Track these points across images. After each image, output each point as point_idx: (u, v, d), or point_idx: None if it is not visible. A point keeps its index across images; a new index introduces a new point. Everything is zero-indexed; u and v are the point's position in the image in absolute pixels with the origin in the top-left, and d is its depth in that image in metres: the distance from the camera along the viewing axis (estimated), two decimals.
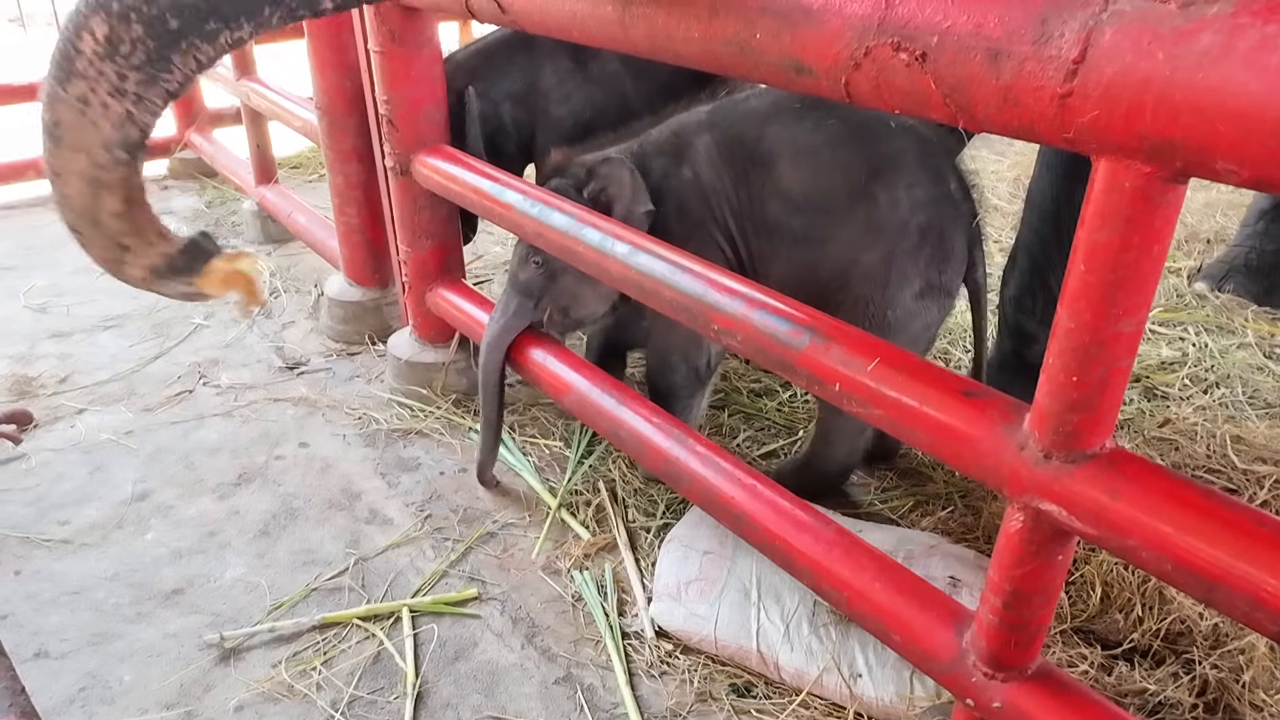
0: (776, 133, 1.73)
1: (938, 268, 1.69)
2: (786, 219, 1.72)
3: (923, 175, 1.66)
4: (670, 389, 1.96)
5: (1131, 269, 0.89)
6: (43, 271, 3.18)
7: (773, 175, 1.72)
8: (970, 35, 0.90)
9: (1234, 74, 0.73)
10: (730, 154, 1.76)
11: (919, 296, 1.70)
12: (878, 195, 1.64)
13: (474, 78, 2.25)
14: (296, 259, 3.30)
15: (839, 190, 1.68)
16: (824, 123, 1.71)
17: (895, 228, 1.65)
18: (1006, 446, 1.04)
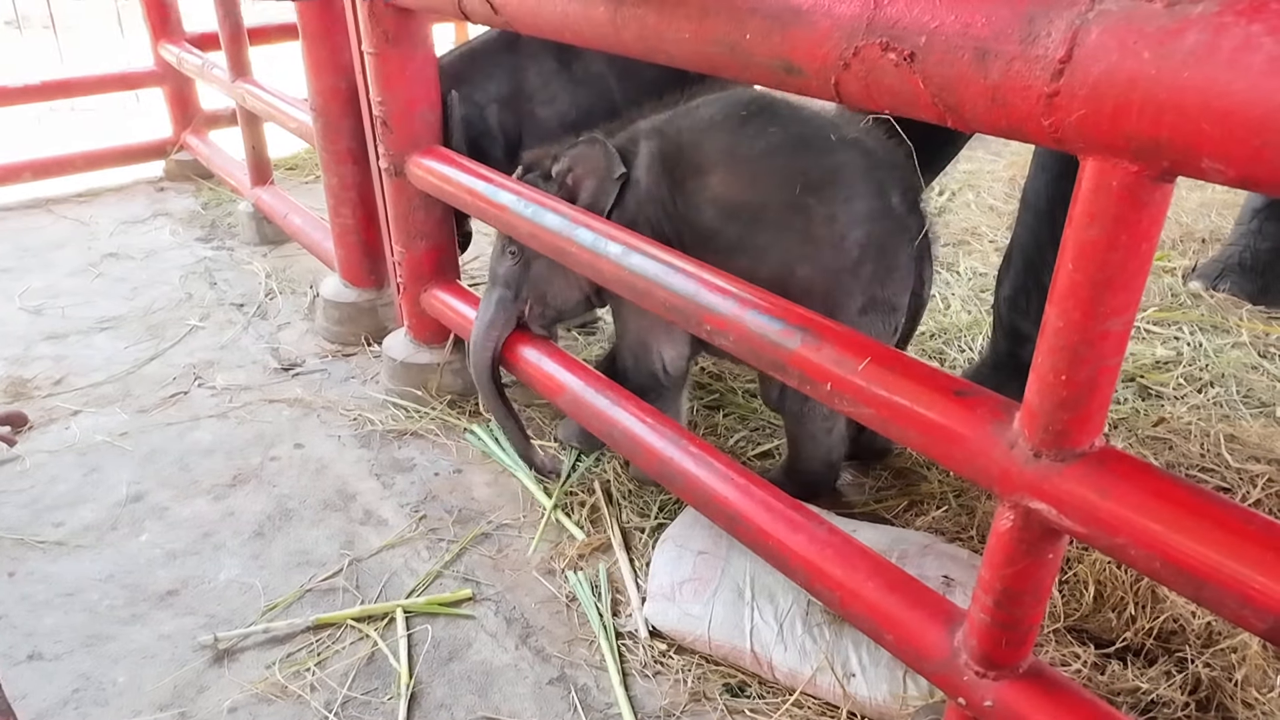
0: (717, 139, 1.73)
1: (880, 283, 1.66)
2: (720, 226, 1.70)
3: (863, 189, 1.63)
4: (637, 391, 1.90)
5: (1119, 268, 0.89)
6: (38, 273, 3.18)
7: (708, 182, 1.71)
8: (958, 35, 0.91)
9: (1219, 73, 0.74)
10: (672, 160, 1.76)
11: (862, 311, 1.67)
12: (812, 209, 1.62)
13: (458, 82, 2.25)
14: (292, 260, 3.30)
15: (773, 200, 1.66)
16: (765, 132, 1.69)
17: (831, 242, 1.63)
18: (996, 445, 1.05)
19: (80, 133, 4.40)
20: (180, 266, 3.25)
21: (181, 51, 3.67)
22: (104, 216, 3.69)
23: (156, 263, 3.28)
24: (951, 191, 3.85)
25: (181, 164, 4.07)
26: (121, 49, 5.45)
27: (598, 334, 2.74)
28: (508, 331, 1.96)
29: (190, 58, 3.61)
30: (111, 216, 3.68)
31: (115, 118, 4.76)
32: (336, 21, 2.29)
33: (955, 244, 3.35)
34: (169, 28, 3.81)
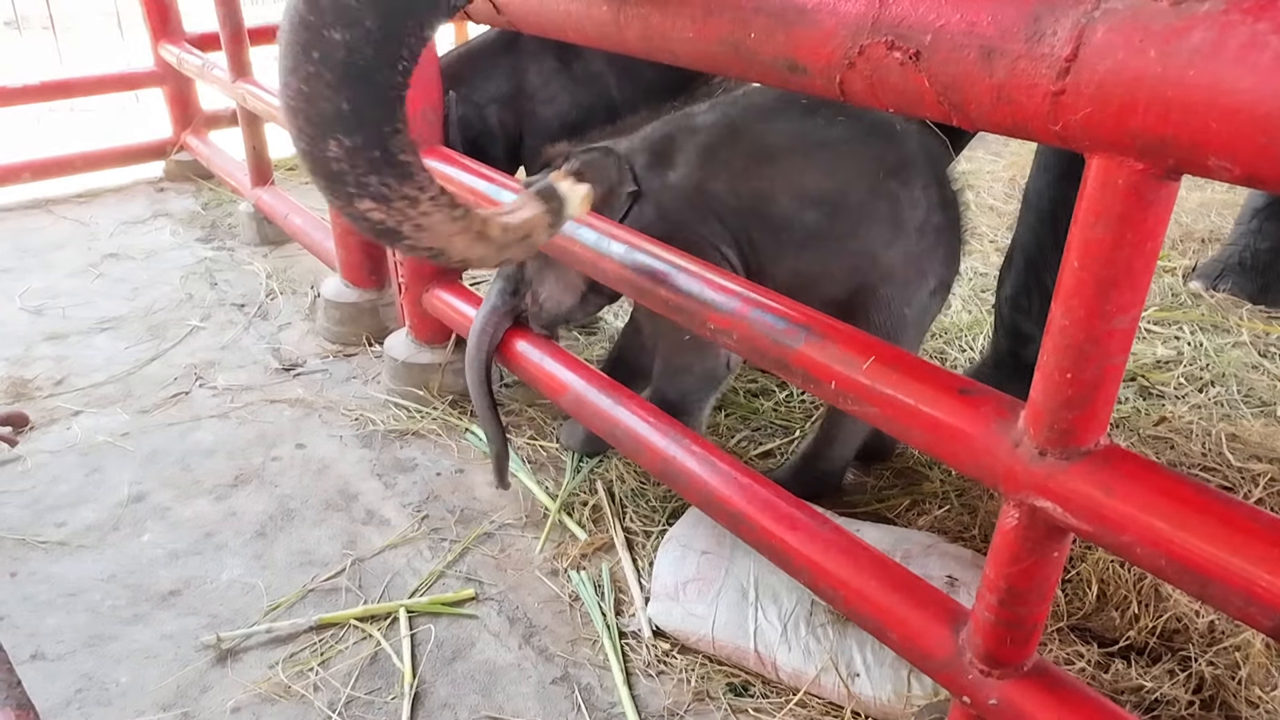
0: (785, 128, 1.72)
1: (947, 266, 1.72)
2: (798, 214, 1.68)
3: (934, 178, 1.68)
4: (682, 395, 1.90)
5: (1125, 266, 0.89)
6: (38, 274, 3.18)
7: (782, 169, 1.70)
8: (963, 34, 0.91)
9: (1225, 71, 0.74)
10: (729, 151, 1.73)
11: (933, 294, 1.74)
12: (898, 194, 1.65)
13: (455, 82, 2.25)
14: (293, 260, 3.29)
15: (859, 186, 1.66)
16: (835, 119, 1.70)
17: (915, 227, 1.66)
18: (1001, 444, 1.05)
19: (80, 133, 4.40)
20: (181, 267, 3.25)
21: (182, 52, 3.67)
22: (104, 217, 3.68)
23: (157, 263, 3.28)
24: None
25: (182, 164, 4.07)
26: (121, 49, 5.45)
27: (599, 334, 2.74)
28: (505, 325, 1.95)
29: (190, 58, 3.61)
30: (111, 217, 3.68)
31: (115, 118, 4.76)
32: None
33: None
34: (169, 28, 3.81)
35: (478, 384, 1.93)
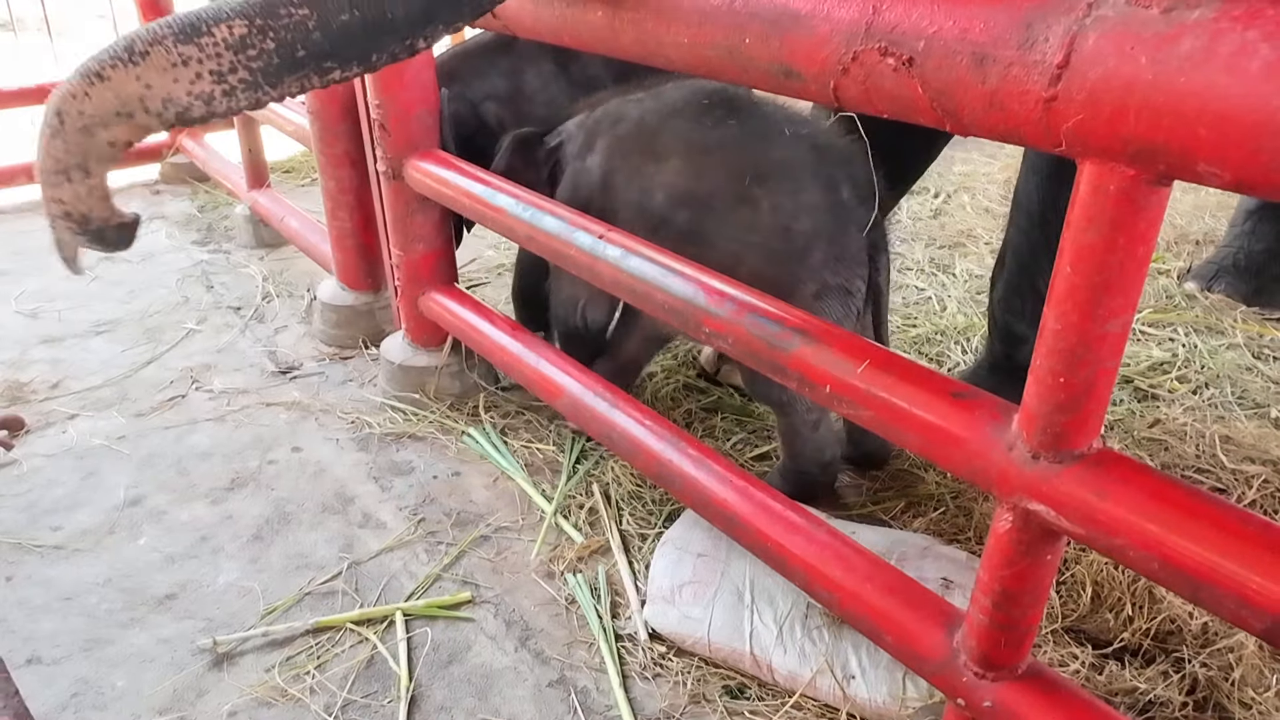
0: (675, 127, 1.81)
1: (830, 270, 1.72)
2: (671, 213, 1.77)
3: (811, 183, 1.70)
4: (563, 339, 2.20)
5: (1117, 270, 0.90)
6: (34, 277, 3.17)
7: (663, 169, 1.79)
8: (956, 40, 0.91)
9: (1215, 78, 0.74)
10: (631, 146, 1.86)
11: (816, 297, 1.73)
12: (760, 200, 1.70)
13: (450, 79, 2.25)
14: (289, 263, 3.30)
15: (722, 190, 1.73)
16: (722, 123, 1.76)
17: (776, 232, 1.69)
18: (995, 447, 1.05)
19: None
20: (177, 270, 3.25)
21: None
22: None
23: (153, 266, 3.28)
24: (947, 194, 3.86)
25: (177, 167, 4.07)
26: None
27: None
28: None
29: None
30: None
31: None
32: None
33: (951, 246, 3.36)
34: None
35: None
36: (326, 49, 1.10)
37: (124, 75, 1.07)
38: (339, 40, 1.11)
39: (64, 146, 1.11)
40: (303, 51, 1.09)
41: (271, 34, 1.07)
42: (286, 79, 1.10)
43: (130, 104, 1.08)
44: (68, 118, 1.10)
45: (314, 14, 1.08)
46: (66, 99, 1.09)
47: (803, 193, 1.70)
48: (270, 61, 1.08)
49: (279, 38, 1.07)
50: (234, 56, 1.07)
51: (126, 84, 1.07)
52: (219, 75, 1.07)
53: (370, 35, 1.14)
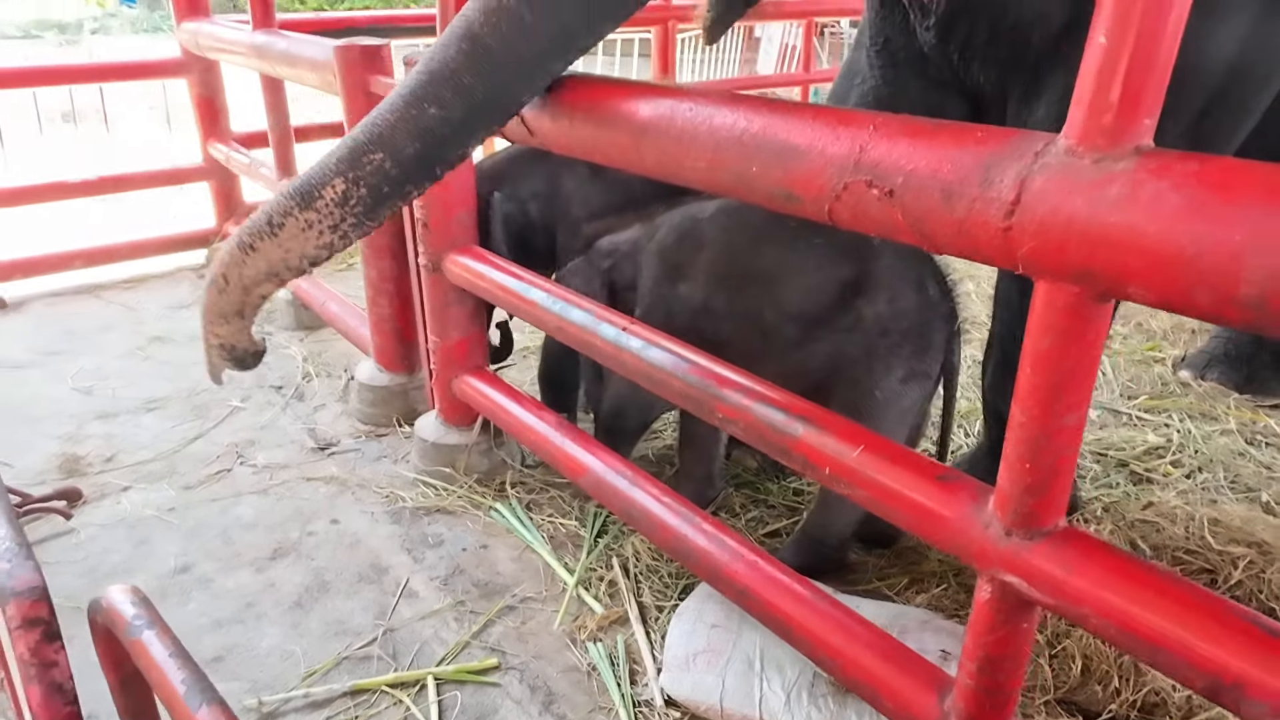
0: (773, 253, 2.00)
1: (918, 358, 1.90)
2: (781, 326, 1.98)
3: (903, 287, 1.87)
4: (620, 432, 2.35)
5: (1069, 372, 1.04)
6: (88, 355, 3.38)
7: (770, 291, 1.99)
8: (929, 178, 1.08)
9: (1137, 218, 0.90)
10: (728, 271, 2.06)
11: (903, 381, 1.92)
12: (863, 310, 1.89)
13: (500, 183, 2.46)
14: (328, 345, 3.49)
15: (829, 305, 1.93)
16: (813, 243, 1.93)
17: (877, 332, 1.87)
18: (974, 525, 1.19)
19: (127, 220, 4.66)
20: None
21: (230, 150, 3.94)
22: (150, 302, 3.91)
23: (199, 346, 3.45)
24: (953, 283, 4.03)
25: None
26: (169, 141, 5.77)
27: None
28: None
29: (238, 156, 3.88)
30: (157, 302, 3.91)
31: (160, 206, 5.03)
32: None
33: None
34: (218, 128, 4.10)
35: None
36: (403, 179, 1.36)
37: (269, 245, 1.40)
38: (411, 169, 1.36)
39: (227, 301, 1.51)
40: (387, 188, 1.36)
41: (362, 182, 1.35)
42: (381, 210, 1.39)
43: (276, 267, 1.43)
44: (231, 280, 1.47)
45: (387, 156, 1.34)
46: (229, 266, 1.45)
47: (899, 300, 1.90)
48: (367, 203, 1.36)
49: (368, 183, 1.35)
50: (341, 210, 1.36)
51: (272, 252, 1.41)
52: (335, 227, 1.38)
53: (432, 157, 1.40)
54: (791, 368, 1.94)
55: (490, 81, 1.41)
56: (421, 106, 1.38)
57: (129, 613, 1.04)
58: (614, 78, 1.63)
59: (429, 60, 1.41)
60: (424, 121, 1.38)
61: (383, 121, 1.38)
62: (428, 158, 1.39)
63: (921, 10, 2.02)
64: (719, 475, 2.39)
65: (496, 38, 1.39)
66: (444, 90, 1.39)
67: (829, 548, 2.13)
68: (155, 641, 1.02)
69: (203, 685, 0.95)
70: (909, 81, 2.25)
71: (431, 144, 1.39)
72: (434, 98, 1.39)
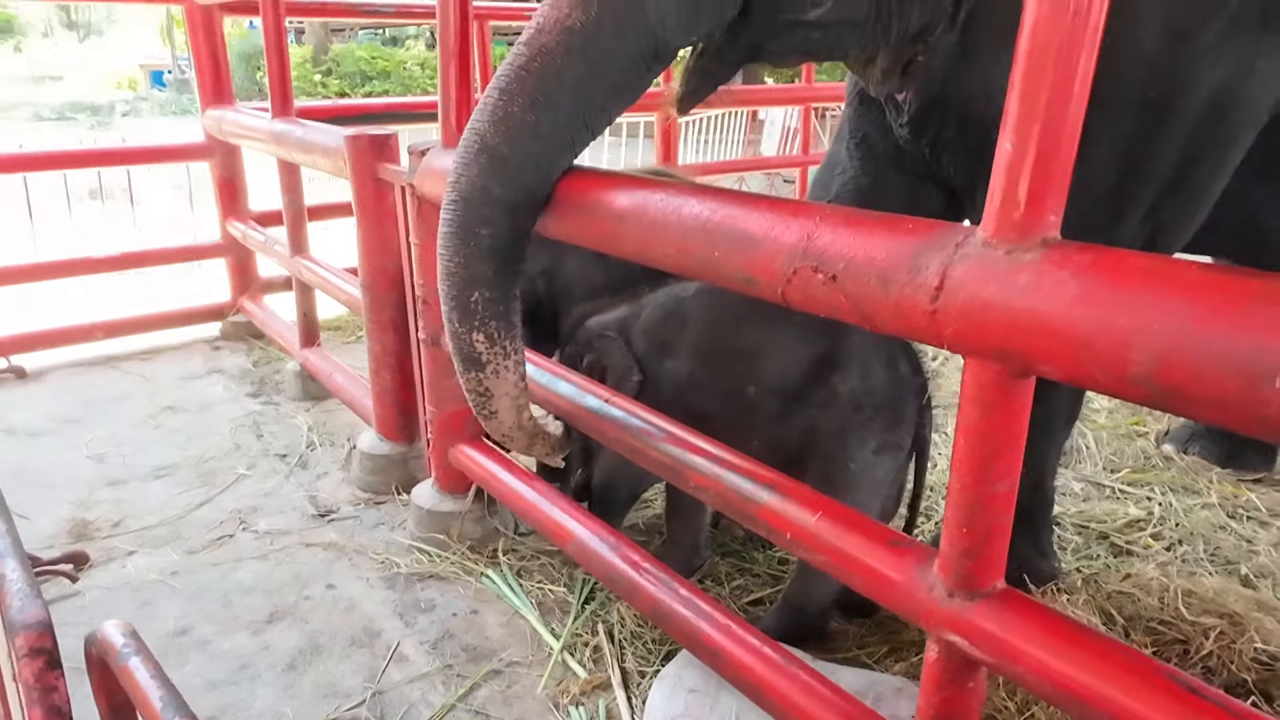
0: (752, 331, 2.11)
1: (890, 430, 1.98)
2: (761, 400, 2.07)
3: (875, 363, 1.97)
4: (610, 503, 2.46)
5: (997, 444, 1.13)
6: (104, 424, 3.50)
7: (751, 367, 2.09)
8: (866, 265, 1.19)
9: (1042, 303, 1.00)
10: (711, 348, 2.16)
11: (876, 453, 1.99)
12: (837, 386, 1.98)
13: None
14: (332, 415, 3.60)
15: (806, 381, 2.03)
16: (790, 321, 2.04)
17: (851, 407, 1.96)
18: (920, 587, 1.26)
19: (148, 292, 4.83)
20: (230, 419, 3.56)
21: (247, 228, 4.13)
22: (164, 372, 4.05)
23: (209, 416, 3.60)
24: (944, 357, 4.13)
25: (237, 325, 4.47)
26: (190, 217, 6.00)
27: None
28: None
29: (254, 234, 4.06)
30: (171, 373, 4.05)
31: (180, 279, 5.21)
32: (388, 214, 2.68)
33: (945, 407, 3.59)
34: (237, 207, 4.30)
35: None
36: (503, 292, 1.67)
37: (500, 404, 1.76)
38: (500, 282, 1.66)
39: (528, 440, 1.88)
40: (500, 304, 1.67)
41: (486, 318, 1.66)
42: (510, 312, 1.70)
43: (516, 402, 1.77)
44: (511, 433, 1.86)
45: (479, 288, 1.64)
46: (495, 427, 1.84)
47: (871, 376, 2.00)
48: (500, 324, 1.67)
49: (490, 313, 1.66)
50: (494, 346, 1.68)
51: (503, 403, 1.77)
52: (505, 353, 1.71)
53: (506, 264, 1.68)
54: (772, 440, 2.04)
55: (515, 186, 1.61)
56: (475, 234, 1.61)
57: (119, 641, 1.17)
58: (597, 169, 1.76)
59: (456, 185, 1.62)
60: (484, 244, 1.61)
61: (456, 265, 1.64)
62: (507, 266, 1.66)
63: (896, 108, 2.16)
64: (705, 544, 2.45)
65: (509, 145, 1.58)
66: (484, 209, 1.60)
67: (810, 616, 2.18)
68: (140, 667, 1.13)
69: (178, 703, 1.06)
70: (886, 172, 2.39)
71: (502, 257, 1.64)
72: (479, 220, 1.61)
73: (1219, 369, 0.86)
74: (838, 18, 1.74)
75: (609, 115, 1.68)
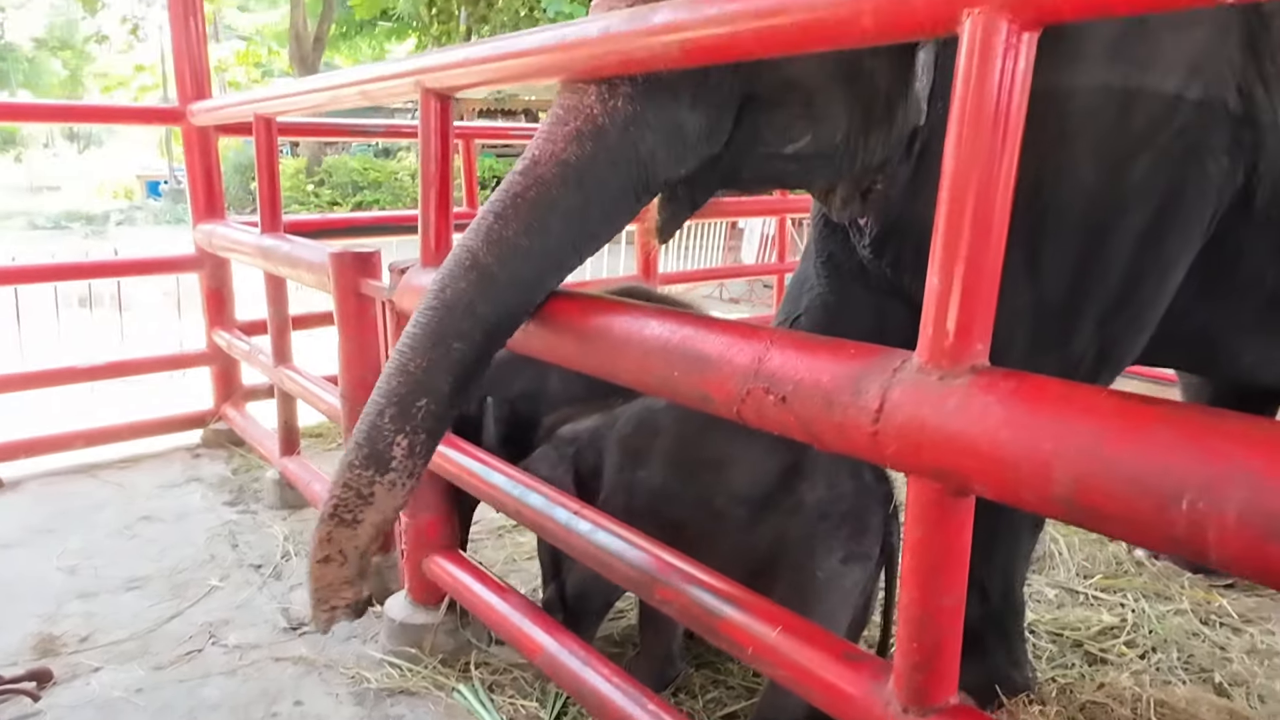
0: (721, 441, 2.15)
1: (856, 539, 2.01)
2: (731, 509, 2.10)
3: (841, 472, 2.01)
4: (583, 614, 2.41)
5: (942, 559, 1.18)
6: (78, 534, 3.47)
7: (720, 476, 2.13)
8: (813, 387, 1.26)
9: (971, 425, 1.07)
10: (681, 458, 2.20)
11: (843, 562, 2.01)
12: (804, 495, 2.02)
13: (491, 388, 2.61)
14: (310, 523, 3.57)
15: (774, 490, 2.07)
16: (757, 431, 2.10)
17: (817, 515, 1.99)
18: (876, 702, 1.28)
19: (129, 399, 4.85)
20: (207, 529, 3.54)
21: (232, 338, 4.20)
22: (143, 481, 4.04)
23: (185, 525, 3.58)
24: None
25: (218, 433, 4.48)
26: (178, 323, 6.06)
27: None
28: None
29: (239, 343, 4.13)
30: (149, 481, 4.04)
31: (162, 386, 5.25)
32: (369, 327, 2.76)
33: None
34: (223, 317, 4.38)
35: None
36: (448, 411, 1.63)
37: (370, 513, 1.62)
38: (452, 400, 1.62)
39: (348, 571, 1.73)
40: (437, 423, 1.61)
41: (419, 430, 1.58)
42: (438, 440, 1.64)
43: (380, 527, 1.66)
44: (348, 553, 1.69)
45: (430, 398, 1.59)
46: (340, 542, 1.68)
47: (836, 484, 2.04)
48: (427, 443, 1.61)
49: (424, 428, 1.58)
50: (412, 460, 1.60)
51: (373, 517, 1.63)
52: (412, 474, 1.61)
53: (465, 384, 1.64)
54: (742, 549, 2.06)
55: (500, 306, 1.65)
56: (447, 344, 1.60)
57: None
58: (564, 290, 1.83)
59: (441, 294, 1.63)
60: (453, 357, 1.60)
61: (416, 367, 1.59)
62: (463, 387, 1.63)
63: (858, 230, 2.28)
64: (679, 655, 2.44)
65: (500, 265, 1.63)
66: (463, 323, 1.61)
67: None
68: None
69: None
70: (853, 289, 2.49)
71: (463, 375, 1.63)
72: (455, 333, 1.61)
73: (1130, 490, 0.92)
74: (813, 151, 1.85)
75: (598, 242, 1.76)
